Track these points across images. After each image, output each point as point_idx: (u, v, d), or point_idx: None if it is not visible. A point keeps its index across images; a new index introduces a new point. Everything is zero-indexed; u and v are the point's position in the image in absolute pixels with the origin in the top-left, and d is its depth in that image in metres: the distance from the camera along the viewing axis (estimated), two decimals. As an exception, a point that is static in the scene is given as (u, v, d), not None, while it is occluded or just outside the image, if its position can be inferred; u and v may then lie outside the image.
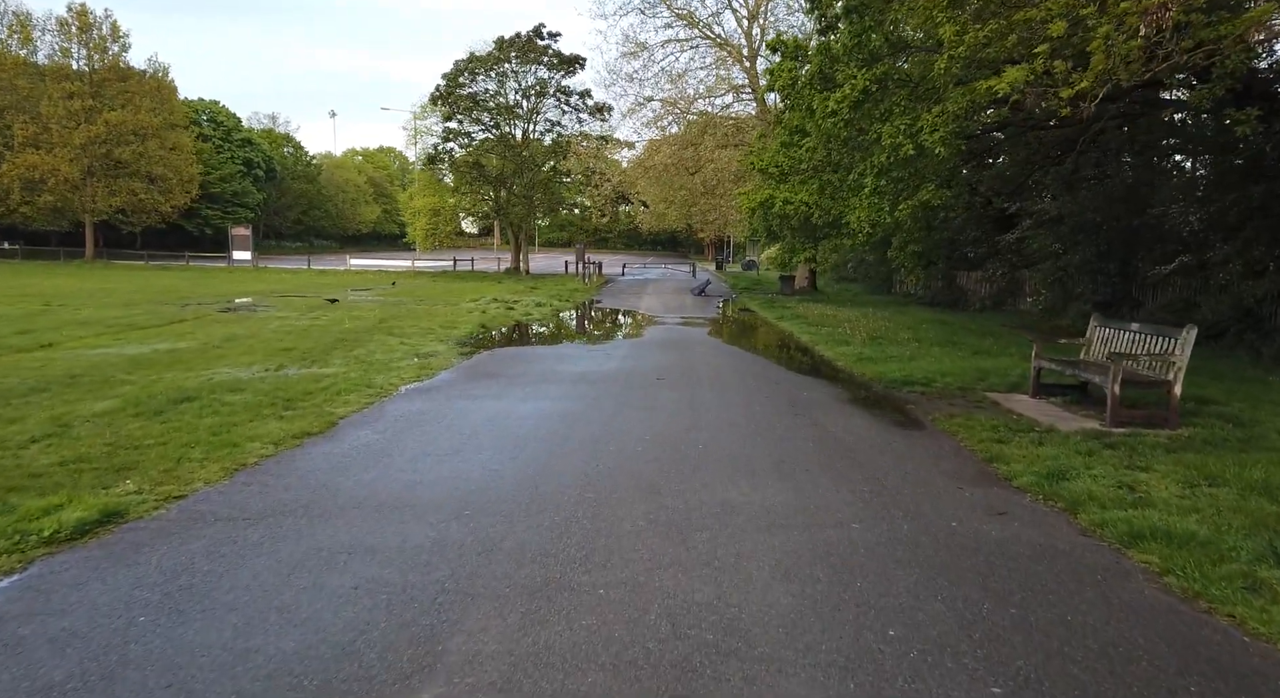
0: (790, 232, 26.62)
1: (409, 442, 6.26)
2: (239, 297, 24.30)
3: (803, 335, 15.28)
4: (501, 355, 12.03)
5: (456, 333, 14.80)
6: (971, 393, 8.84)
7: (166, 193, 42.62)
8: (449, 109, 38.81)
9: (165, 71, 42.57)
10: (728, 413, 7.68)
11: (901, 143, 10.29)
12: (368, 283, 34.34)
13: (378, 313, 18.66)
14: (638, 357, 12.06)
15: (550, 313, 20.47)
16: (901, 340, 13.99)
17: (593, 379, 9.72)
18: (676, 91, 32.12)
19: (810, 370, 11.11)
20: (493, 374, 9.99)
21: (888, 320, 18.73)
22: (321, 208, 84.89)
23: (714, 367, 11.07)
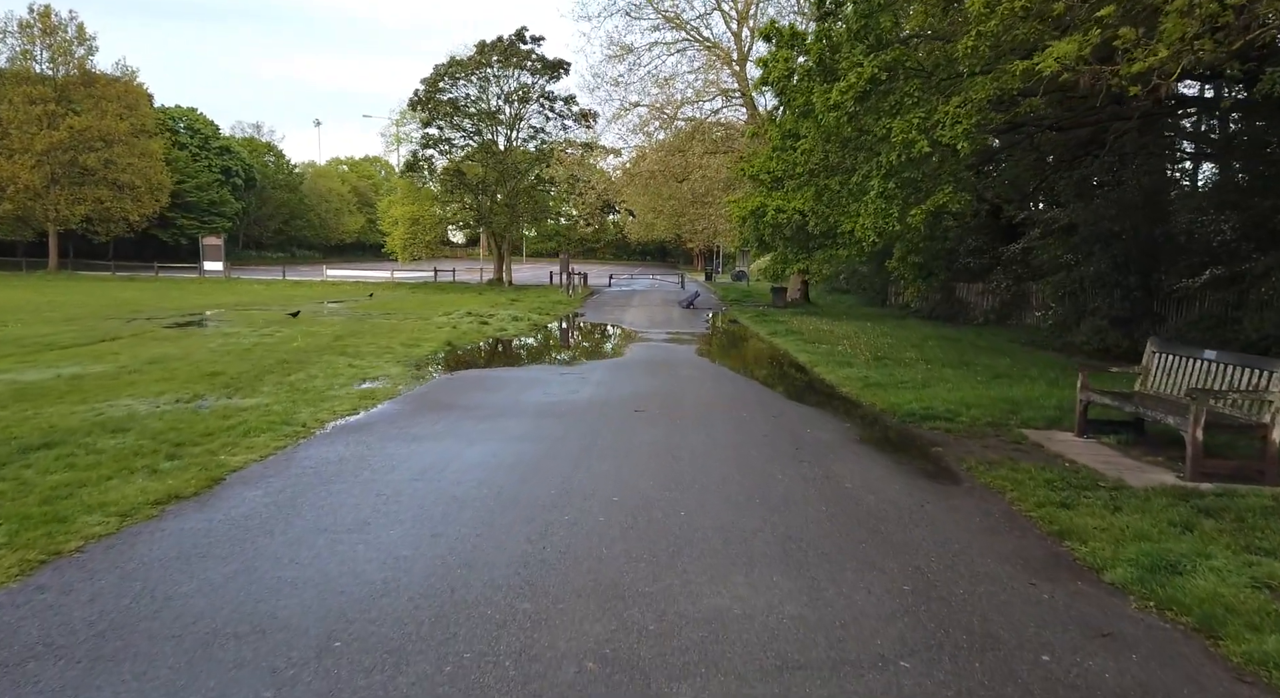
0: (783, 242, 25.33)
1: (305, 510, 4.82)
2: (197, 310, 22.77)
3: (800, 355, 13.92)
4: (461, 380, 10.60)
5: (418, 352, 13.38)
6: (1005, 430, 7.48)
7: (135, 201, 40.95)
8: (428, 115, 37.44)
9: (134, 75, 41.04)
10: (718, 461, 6.28)
11: (914, 139, 8.97)
12: (343, 294, 32.88)
13: (338, 328, 17.20)
14: (616, 381, 10.66)
15: (527, 328, 19.06)
16: (908, 361, 12.65)
17: (561, 412, 8.30)
18: (664, 96, 30.90)
19: (812, 399, 9.73)
20: (444, 406, 8.56)
21: (888, 337, 17.42)
22: (304, 217, 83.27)
23: (702, 394, 9.69)
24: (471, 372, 11.56)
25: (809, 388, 10.64)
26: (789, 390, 10.33)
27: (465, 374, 11.22)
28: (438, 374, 11.08)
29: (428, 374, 11.04)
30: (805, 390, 10.42)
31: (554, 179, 39.12)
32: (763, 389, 10.37)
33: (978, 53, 7.41)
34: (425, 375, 10.90)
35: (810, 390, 10.42)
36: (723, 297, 34.58)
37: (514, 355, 14.26)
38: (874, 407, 8.89)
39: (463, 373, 11.35)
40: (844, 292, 36.96)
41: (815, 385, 10.79)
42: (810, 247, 24.35)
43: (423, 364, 12.09)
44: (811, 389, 10.51)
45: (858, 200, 12.80)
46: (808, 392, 10.32)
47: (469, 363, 12.71)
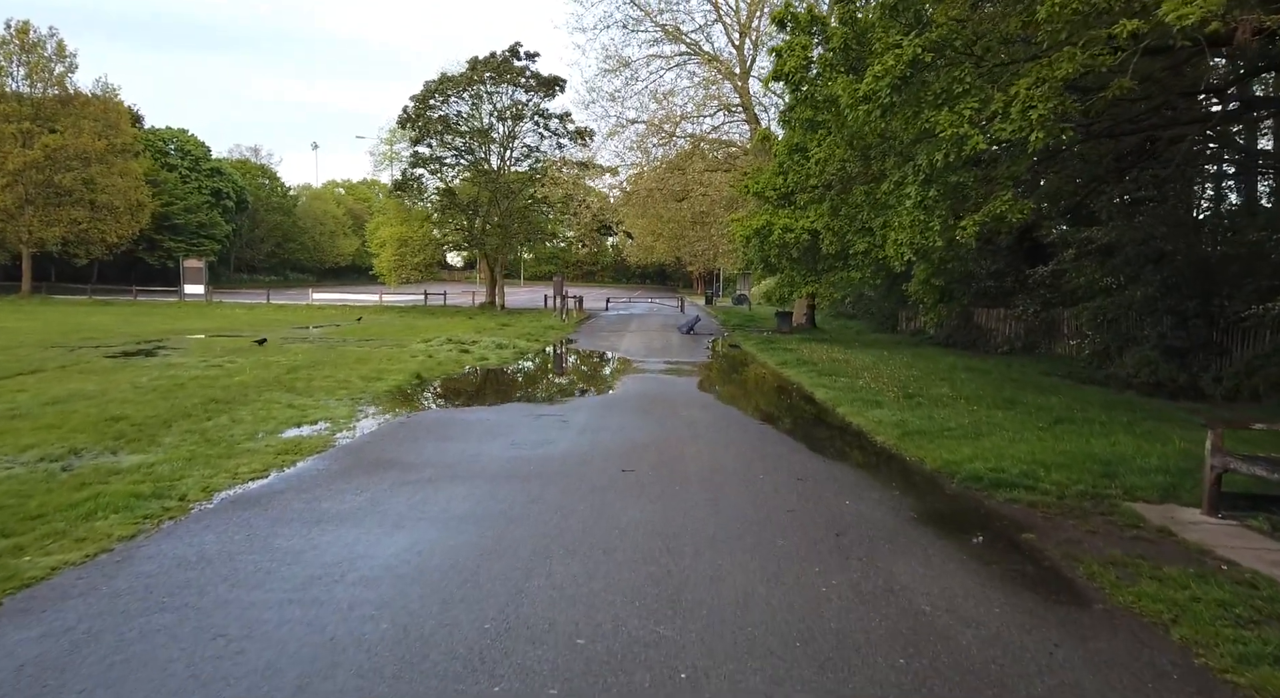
0: (790, 263, 23.68)
1: (82, 674, 3.03)
2: (158, 337, 21.03)
3: (818, 391, 12.15)
4: (416, 425, 8.81)
5: (378, 387, 11.63)
6: (1108, 504, 5.68)
7: (113, 222, 39.37)
8: (418, 133, 36.00)
9: (115, 93, 39.68)
10: (734, 561, 4.48)
11: (967, 134, 7.29)
12: (328, 319, 31.23)
13: (300, 358, 15.44)
14: (602, 425, 8.88)
15: (512, 356, 17.29)
16: (944, 399, 10.88)
17: (527, 473, 6.52)
18: (662, 112, 29.42)
19: (843, 452, 7.95)
20: (382, 464, 6.77)
21: (910, 367, 15.67)
22: (297, 240, 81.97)
23: (706, 445, 7.90)
24: (432, 413, 9.78)
25: (836, 436, 8.85)
26: (812, 439, 8.54)
27: (424, 417, 9.43)
28: (391, 416, 9.30)
29: (379, 416, 9.26)
30: (832, 440, 8.63)
31: (548, 199, 37.59)
32: (779, 437, 8.58)
33: (1063, 16, 5.74)
34: (377, 417, 9.13)
35: (838, 439, 8.63)
36: (724, 321, 32.88)
37: (488, 391, 12.48)
38: (923, 464, 7.10)
39: (422, 415, 9.57)
40: (850, 317, 35.32)
41: (842, 432, 9.00)
42: (820, 269, 22.74)
43: (378, 403, 10.32)
44: (839, 438, 8.72)
45: (886, 213, 11.12)
46: (835, 441, 8.54)
47: (434, 401, 10.93)
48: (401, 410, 9.78)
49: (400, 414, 9.47)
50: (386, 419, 9.11)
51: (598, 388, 12.79)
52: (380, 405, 10.12)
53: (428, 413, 9.72)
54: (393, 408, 9.96)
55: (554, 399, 11.38)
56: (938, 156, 7.82)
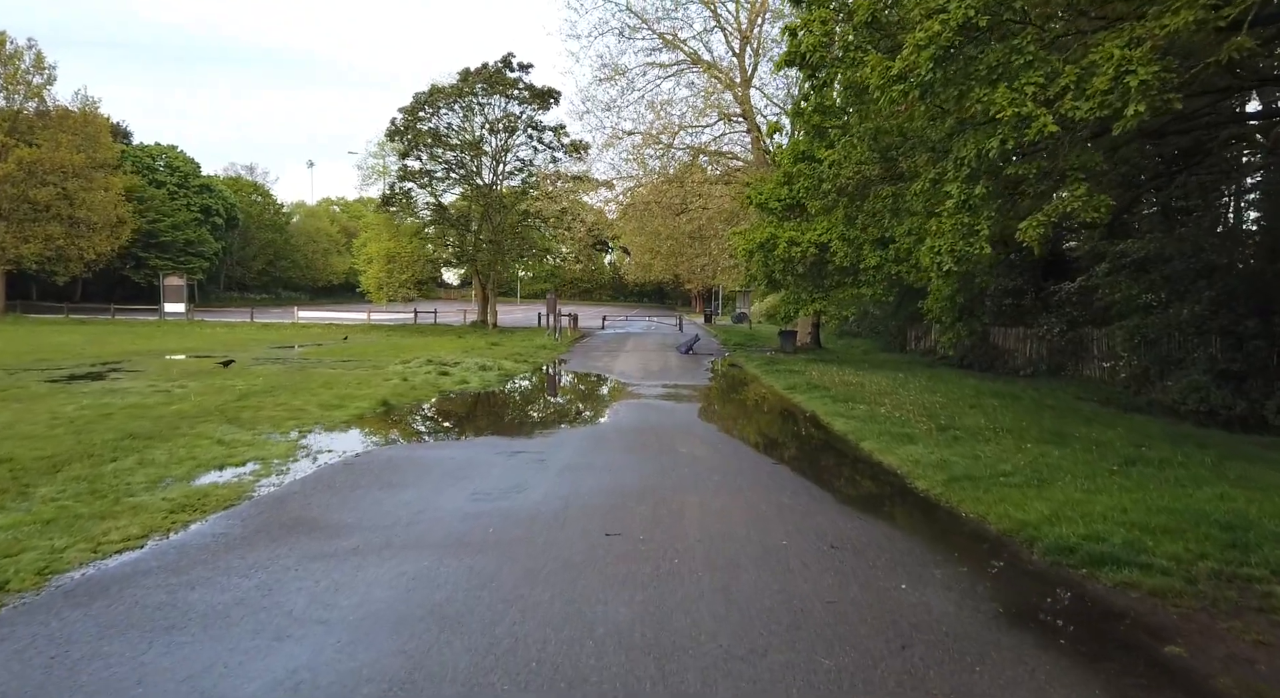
0: (795, 279, 22.29)
1: None
2: (120, 359, 19.59)
3: (835, 421, 10.68)
4: (364, 467, 7.34)
5: (336, 416, 10.19)
6: (1263, 594, 4.22)
7: (91, 238, 38.00)
8: (406, 145, 34.77)
9: (95, 106, 38.48)
10: None
11: (1033, 114, 5.91)
12: (314, 338, 29.86)
13: (260, 382, 14.00)
14: (587, 466, 7.42)
15: (495, 379, 15.83)
16: (982, 432, 9.43)
17: (482, 541, 5.05)
18: (660, 123, 28.21)
19: (879, 504, 6.50)
20: (301, 525, 5.31)
21: (932, 392, 14.23)
22: (289, 258, 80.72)
23: (712, 495, 6.43)
24: (388, 450, 8.30)
25: (866, 480, 7.38)
26: (838, 485, 7.07)
27: (376, 456, 7.96)
28: (338, 456, 7.83)
29: (323, 455, 7.80)
30: (862, 485, 7.17)
31: (542, 213, 36.31)
32: (798, 483, 7.10)
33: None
34: (316, 458, 7.67)
35: (870, 485, 7.16)
36: (724, 341, 31.45)
37: (460, 421, 11.01)
38: (985, 524, 5.64)
39: (375, 453, 8.09)
40: (855, 335, 33.89)
41: (873, 475, 7.53)
42: (827, 285, 21.34)
43: (329, 437, 8.87)
44: (871, 482, 7.26)
45: (913, 218, 9.75)
46: (867, 488, 7.07)
47: (393, 434, 9.46)
48: (352, 447, 8.31)
49: (349, 453, 8.00)
50: (330, 459, 7.63)
51: (586, 417, 11.33)
52: (329, 441, 8.65)
53: (383, 450, 8.24)
54: (341, 444, 8.49)
55: (534, 431, 9.90)
56: (990, 145, 6.43)
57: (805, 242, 19.52)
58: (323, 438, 8.78)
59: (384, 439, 8.96)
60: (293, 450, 7.94)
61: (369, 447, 8.38)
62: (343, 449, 8.16)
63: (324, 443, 8.50)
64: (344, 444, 8.48)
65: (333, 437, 8.94)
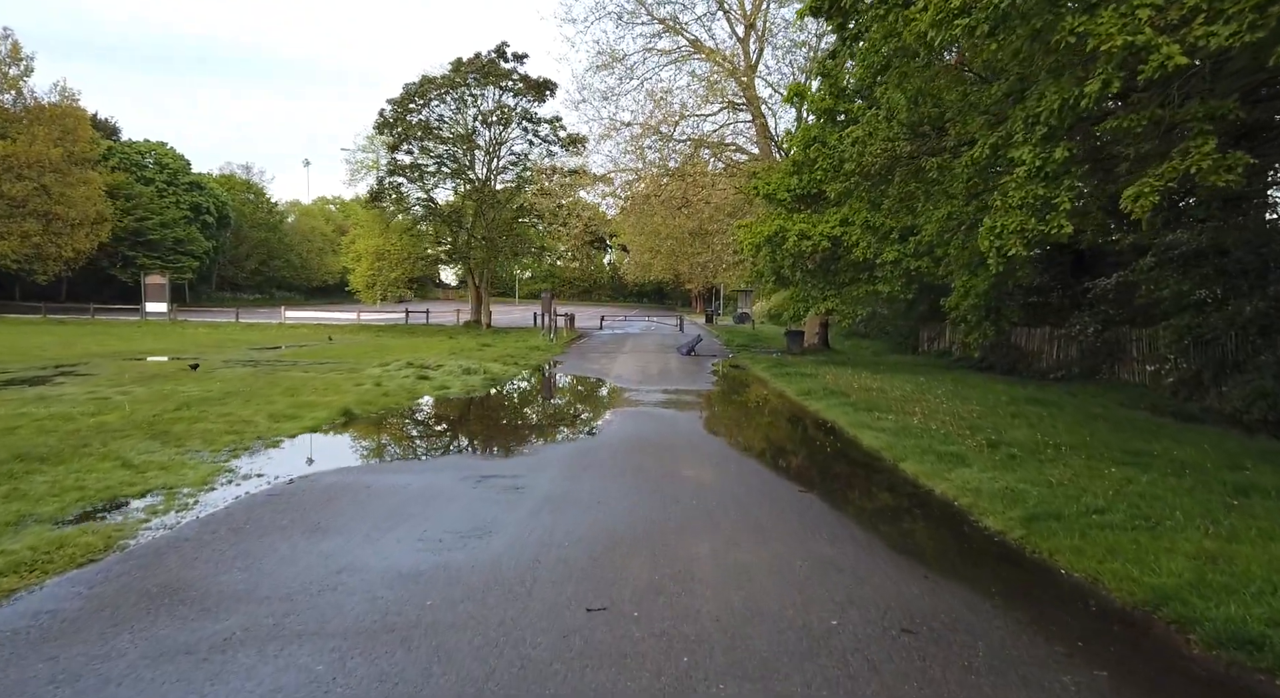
0: (805, 275, 20.87)
1: None
2: (82, 360, 18.20)
3: (863, 434, 9.23)
4: (292, 500, 5.89)
5: (284, 430, 8.78)
6: None
7: (69, 236, 36.55)
8: (395, 138, 33.32)
9: (74, 98, 36.98)
10: None
11: (1151, 43, 4.48)
12: (299, 338, 28.48)
13: (219, 387, 12.60)
14: (570, 499, 5.98)
15: (480, 384, 14.39)
16: (1042, 450, 7.98)
17: (411, 623, 3.61)
18: (660, 114, 26.74)
19: (948, 555, 5.04)
20: (165, 598, 3.87)
21: (961, 398, 12.82)
22: (283, 257, 79.28)
23: (727, 542, 4.99)
24: (330, 475, 6.84)
25: (919, 516, 5.90)
26: (890, 529, 5.59)
27: (313, 482, 6.51)
28: (266, 482, 6.40)
29: (249, 482, 6.36)
30: (917, 525, 5.70)
31: (537, 209, 34.85)
32: (839, 525, 5.62)
33: None
34: (239, 485, 6.23)
35: (927, 525, 5.68)
36: (727, 342, 29.99)
37: (429, 435, 9.56)
38: (1101, 588, 4.19)
39: (312, 478, 6.64)
40: (863, 336, 32.40)
41: (925, 509, 6.06)
42: (840, 281, 19.90)
43: (266, 457, 7.44)
44: (927, 521, 5.78)
45: (962, 198, 8.31)
46: (924, 528, 5.60)
47: (344, 453, 8.02)
48: (289, 471, 6.86)
49: (282, 479, 6.56)
50: (255, 489, 6.20)
51: (575, 429, 9.88)
52: (263, 463, 7.21)
53: (324, 476, 6.78)
54: (279, 466, 7.05)
55: (514, 448, 8.46)
56: (1085, 91, 4.98)
57: (817, 234, 18.07)
58: (257, 459, 7.33)
59: (331, 460, 7.50)
60: (213, 476, 6.50)
61: (309, 470, 6.93)
62: (276, 474, 6.72)
63: (256, 465, 7.06)
64: (280, 466, 7.04)
65: (270, 457, 7.50)
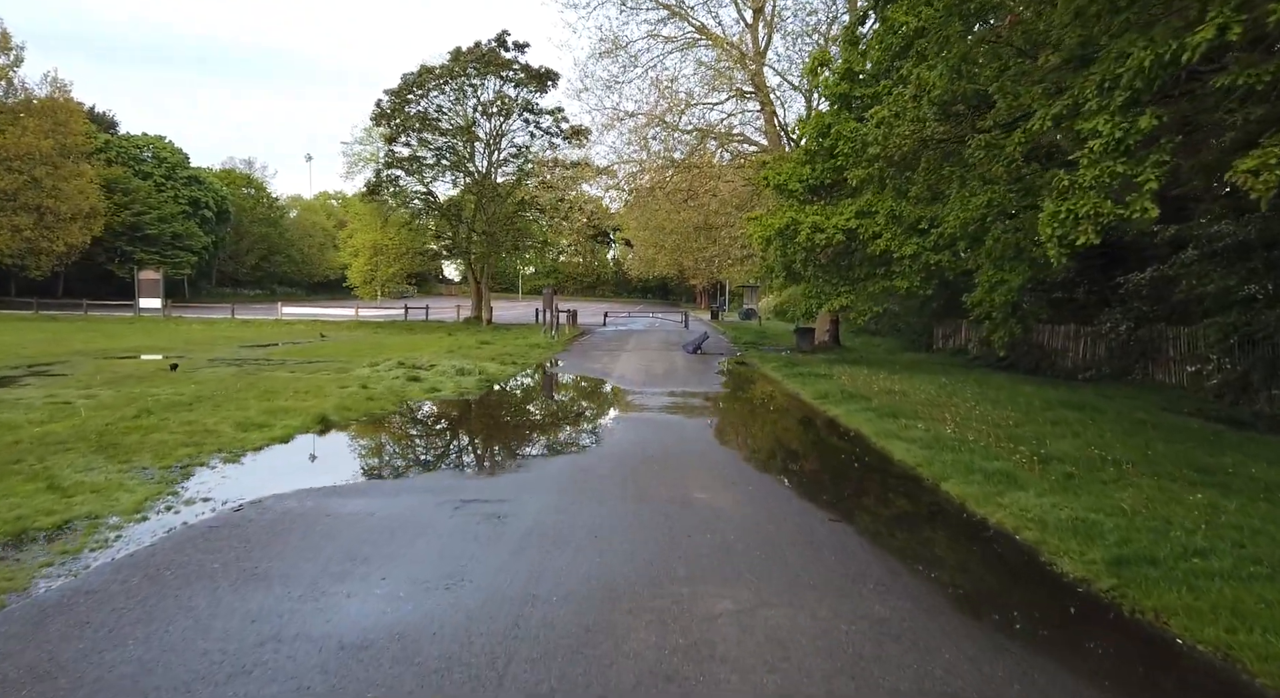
0: (818, 270, 19.91)
1: None
2: (60, 359, 17.39)
3: (893, 445, 8.28)
4: (233, 534, 4.98)
5: (250, 441, 7.91)
6: None
7: (61, 230, 35.74)
8: (393, 130, 32.39)
9: (65, 89, 36.12)
10: None
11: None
12: (293, 335, 27.65)
13: (193, 390, 11.75)
14: (558, 538, 5.06)
15: (474, 386, 13.49)
16: (1099, 465, 7.05)
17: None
18: (665, 103, 25.73)
19: (1035, 621, 4.07)
20: (33, 686, 2.98)
21: (990, 402, 11.88)
22: (284, 252, 78.49)
23: (757, 602, 4.06)
24: (290, 499, 5.92)
25: (987, 564, 4.95)
26: (949, 576, 4.62)
27: (264, 510, 5.60)
28: (212, 507, 5.50)
29: (191, 508, 5.47)
30: (988, 578, 4.75)
31: (538, 202, 33.89)
32: (888, 572, 4.63)
33: None
34: (179, 512, 5.34)
35: (999, 577, 4.72)
36: (734, 339, 29.03)
37: (409, 447, 8.64)
38: (1241, 673, 3.26)
39: (265, 504, 5.73)
40: (873, 333, 31.42)
41: (991, 551, 5.07)
42: (854, 276, 18.93)
43: (221, 474, 6.55)
44: (996, 570, 4.82)
45: (1004, 183, 7.37)
46: (999, 585, 4.64)
47: (308, 470, 7.11)
48: (241, 494, 5.96)
49: (231, 504, 5.66)
50: (193, 517, 5.30)
51: (573, 440, 8.96)
52: (215, 483, 6.31)
53: (279, 500, 5.87)
54: (231, 488, 6.14)
55: (502, 463, 7.55)
56: (1189, 44, 4.03)
57: (831, 227, 17.09)
58: (208, 478, 6.43)
59: (292, 479, 6.59)
60: (150, 501, 5.60)
61: (263, 493, 6.01)
62: (225, 497, 5.82)
63: (205, 486, 6.16)
64: (232, 488, 6.14)
65: (225, 475, 6.60)
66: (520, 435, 9.49)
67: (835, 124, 17.49)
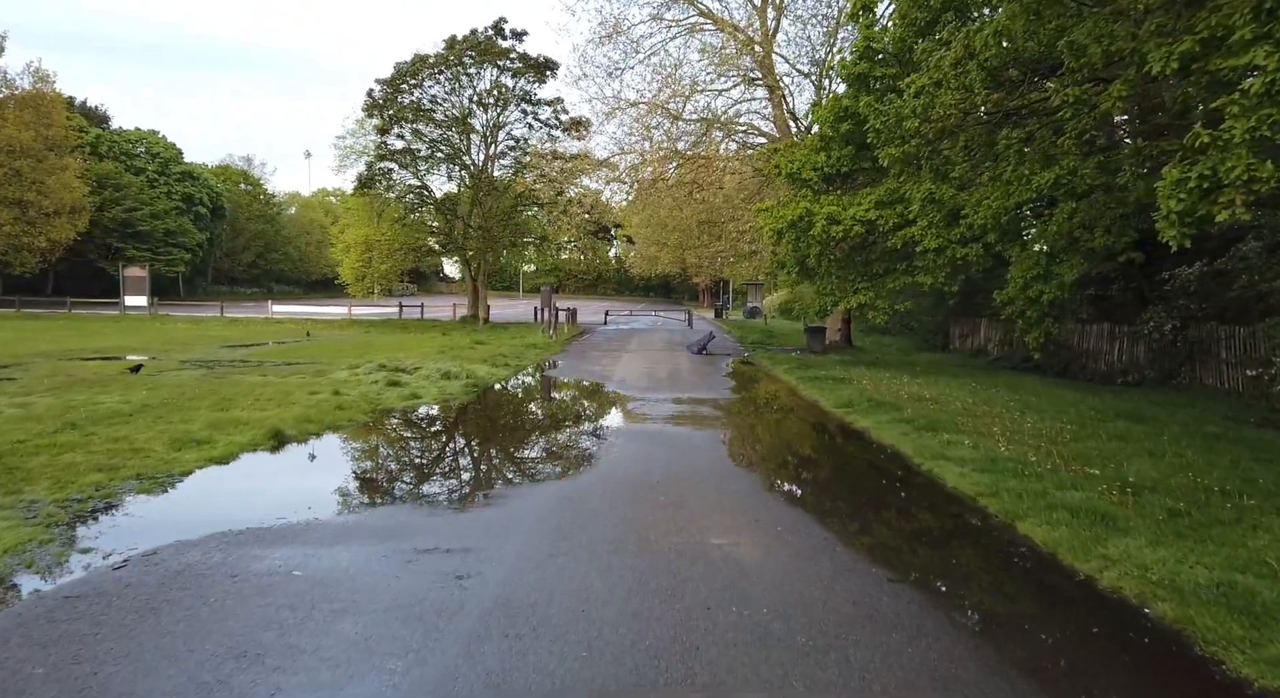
0: (832, 265, 18.64)
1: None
2: (22, 361, 16.15)
3: (944, 471, 6.98)
4: (99, 609, 3.70)
5: (184, 461, 6.68)
6: None
7: (44, 224, 34.51)
8: (385, 121, 31.09)
9: (48, 79, 34.86)
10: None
11: None
12: (280, 334, 26.41)
13: (144, 396, 10.54)
14: (532, 611, 3.78)
15: (459, 391, 12.22)
16: (1204, 498, 5.76)
17: None
18: (669, 90, 24.42)
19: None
20: None
21: (1034, 410, 10.63)
22: (281, 250, 77.13)
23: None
24: (195, 550, 4.63)
25: (1124, 660, 3.60)
26: (1077, 687, 3.37)
27: (162, 565, 4.32)
28: (88, 565, 4.24)
29: (61, 565, 4.21)
30: (1132, 685, 3.46)
31: (538, 197, 32.59)
32: (984, 670, 3.37)
33: None
34: (36, 570, 4.08)
35: (1150, 686, 3.44)
36: (740, 338, 27.70)
37: (367, 470, 7.36)
38: None
39: (163, 556, 4.46)
40: (883, 332, 29.96)
41: (1128, 642, 3.71)
42: (873, 272, 17.63)
43: (124, 511, 5.28)
44: (1144, 675, 3.52)
45: (1074, 158, 6.09)
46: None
47: (242, 502, 5.83)
48: (135, 542, 4.68)
49: (114, 557, 4.39)
50: (54, 581, 4.03)
51: (561, 461, 7.68)
52: (111, 525, 5.04)
53: (181, 551, 4.58)
54: (128, 533, 4.87)
55: (473, 496, 6.26)
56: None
57: (848, 218, 15.80)
58: (104, 519, 5.16)
59: (211, 518, 5.30)
60: (11, 554, 4.33)
61: (164, 541, 4.73)
62: (115, 546, 4.55)
63: (96, 530, 4.89)
64: (129, 532, 4.86)
65: (130, 512, 5.33)
66: (502, 455, 8.20)
67: (854, 107, 16.19)
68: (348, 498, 6.03)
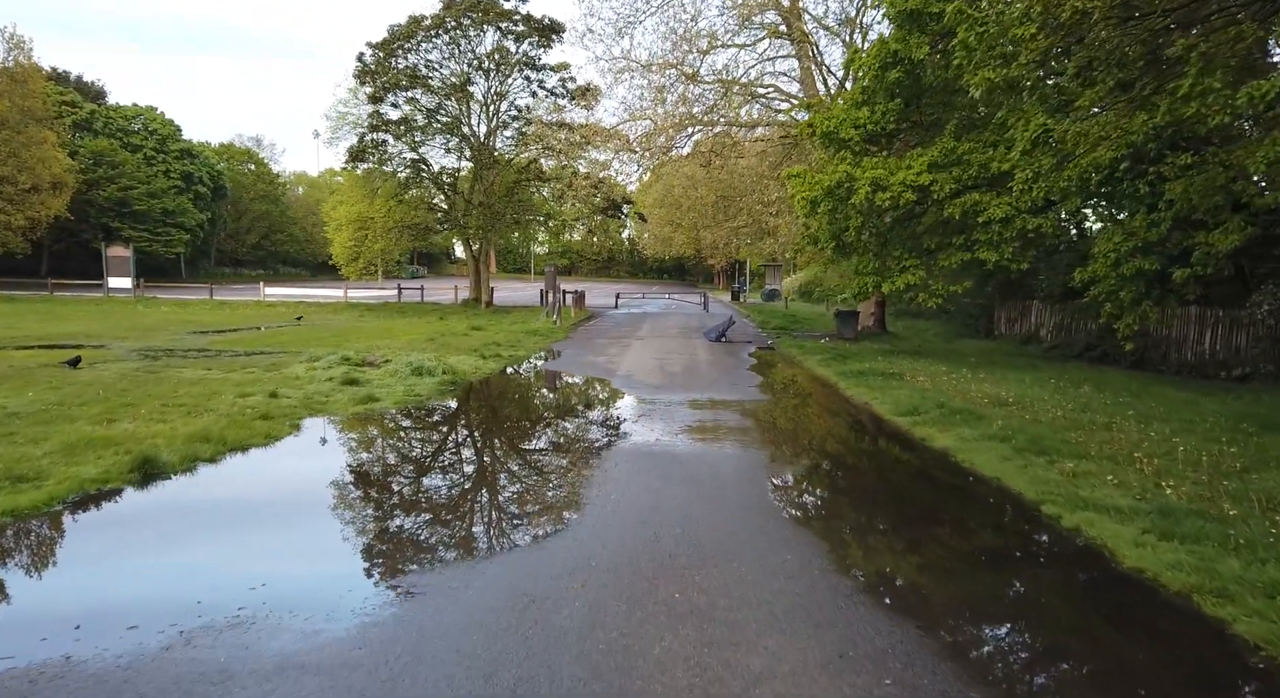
0: (875, 239, 16.18)
1: None
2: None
3: (1103, 532, 4.64)
4: None
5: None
6: None
7: (21, 202, 32.54)
8: (378, 88, 28.75)
9: (25, 45, 32.68)
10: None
11: None
12: (269, 318, 24.39)
13: (40, 397, 8.38)
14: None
15: (429, 392, 9.98)
16: None
17: None
18: (684, 46, 21.84)
19: None
20: None
21: (1157, 420, 8.25)
22: (287, 231, 75.18)
23: None
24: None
25: None
26: None
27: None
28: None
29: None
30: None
31: (541, 172, 30.18)
32: None
33: None
34: None
35: None
36: (761, 324, 25.25)
37: (233, 539, 5.12)
38: None
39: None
40: (915, 316, 27.25)
41: None
42: (923, 248, 15.15)
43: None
44: None
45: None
46: None
47: (27, 593, 3.63)
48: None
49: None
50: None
51: (526, 517, 5.41)
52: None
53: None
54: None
55: (403, 570, 4.01)
56: None
57: (896, 184, 13.32)
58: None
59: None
60: None
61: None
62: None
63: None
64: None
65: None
66: (445, 500, 5.88)
67: (903, 51, 13.68)
68: (199, 581, 3.78)
